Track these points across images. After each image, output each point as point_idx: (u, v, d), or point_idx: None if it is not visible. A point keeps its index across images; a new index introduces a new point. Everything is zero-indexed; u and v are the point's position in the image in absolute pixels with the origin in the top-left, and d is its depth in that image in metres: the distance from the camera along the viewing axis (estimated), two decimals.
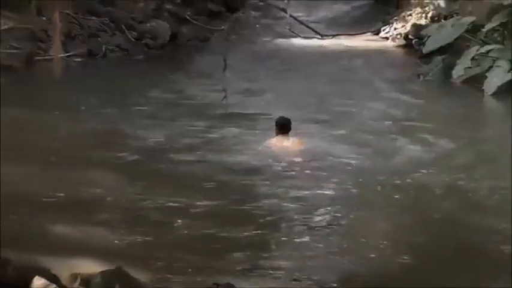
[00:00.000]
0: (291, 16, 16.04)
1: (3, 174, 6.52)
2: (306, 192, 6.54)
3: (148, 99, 10.04)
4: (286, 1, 16.78)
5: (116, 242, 5.45)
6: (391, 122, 9.06)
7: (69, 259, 5.02)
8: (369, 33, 15.89)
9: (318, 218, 6.00)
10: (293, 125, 7.85)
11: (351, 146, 7.97)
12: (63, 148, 7.79)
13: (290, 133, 7.78)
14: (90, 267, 4.81)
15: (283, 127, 7.74)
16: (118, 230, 5.65)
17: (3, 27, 12.22)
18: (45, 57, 11.87)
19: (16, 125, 8.44)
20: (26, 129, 8.37)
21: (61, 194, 6.31)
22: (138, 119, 8.92)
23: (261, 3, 18.01)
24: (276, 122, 7.80)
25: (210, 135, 8.30)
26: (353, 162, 7.43)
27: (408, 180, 6.86)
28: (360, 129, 8.65)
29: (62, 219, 5.87)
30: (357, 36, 15.64)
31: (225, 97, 9.34)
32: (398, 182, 6.82)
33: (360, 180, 6.94)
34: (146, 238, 5.50)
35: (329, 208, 6.22)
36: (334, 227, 5.89)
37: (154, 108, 9.56)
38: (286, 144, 7.67)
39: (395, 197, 6.52)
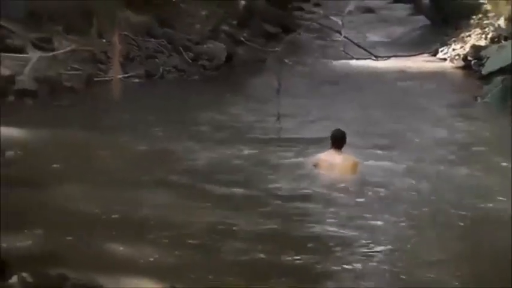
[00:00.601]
0: (345, 37, 16.07)
1: (63, 193, 6.72)
2: (360, 222, 6.43)
3: (202, 120, 10.17)
4: (340, 23, 16.83)
5: (168, 261, 5.54)
6: (451, 146, 8.87)
7: (123, 277, 5.13)
8: (426, 55, 15.80)
9: (372, 248, 5.89)
10: (346, 149, 7.77)
11: (409, 172, 7.82)
12: (121, 168, 7.97)
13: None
14: (144, 285, 4.92)
15: (338, 140, 7.70)
16: (170, 249, 5.74)
17: (65, 50, 12.56)
18: (105, 78, 12.13)
19: (76, 145, 8.67)
20: (85, 150, 8.58)
21: (116, 213, 6.46)
22: (192, 139, 9.03)
23: (316, 25, 18.09)
24: (331, 135, 7.77)
25: (262, 158, 8.32)
26: (412, 189, 7.26)
27: (476, 210, 6.63)
28: (418, 154, 8.50)
29: (117, 237, 6.01)
30: (413, 57, 15.57)
31: (278, 119, 9.41)
32: (464, 212, 6.58)
33: (421, 208, 6.76)
34: (196, 258, 5.58)
35: (383, 238, 6.08)
36: (390, 259, 5.72)
37: (208, 129, 9.69)
38: (338, 160, 7.62)
39: (462, 228, 6.28)
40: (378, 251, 5.84)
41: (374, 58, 15.38)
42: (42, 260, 5.48)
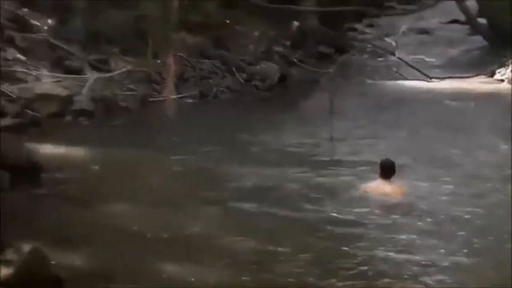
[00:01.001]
0: (399, 58, 15.97)
1: (116, 212, 6.83)
2: (415, 248, 6.34)
3: (254, 141, 10.19)
4: (394, 44, 16.74)
5: (218, 281, 5.57)
6: (507, 170, 8.62)
7: None
8: (482, 76, 15.57)
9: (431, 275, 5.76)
10: (399, 172, 7.69)
11: (464, 196, 7.67)
12: (172, 187, 8.06)
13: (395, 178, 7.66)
14: None
15: (387, 170, 7.64)
16: (219, 269, 5.77)
17: (121, 71, 12.80)
18: (159, 99, 12.30)
19: (129, 164, 8.81)
20: (138, 169, 8.71)
21: (167, 232, 6.53)
22: (243, 160, 9.06)
23: (369, 46, 18.03)
24: (380, 164, 7.72)
25: (313, 181, 8.26)
26: (467, 216, 7.11)
27: None
28: (473, 179, 8.31)
29: (167, 256, 6.07)
30: (469, 78, 15.35)
31: (330, 140, 9.38)
32: None
33: (479, 236, 6.62)
34: (245, 278, 5.59)
35: (441, 265, 5.97)
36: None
37: (259, 150, 9.70)
38: (388, 190, 7.56)
39: None
40: (436, 279, 5.73)
41: (428, 79, 15.22)
42: (94, 278, 5.58)
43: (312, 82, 15.03)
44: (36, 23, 13.47)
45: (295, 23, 16.84)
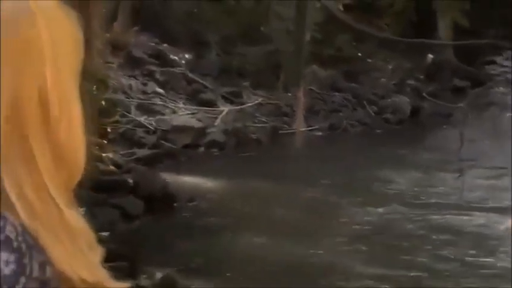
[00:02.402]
0: None
1: (246, 242, 6.98)
2: None
3: (378, 176, 10.09)
4: None
5: None
6: None
7: None
8: None
9: None
10: None
11: None
12: (299, 217, 8.14)
13: None
14: None
15: None
16: None
17: (252, 103, 13.11)
18: (289, 131, 12.48)
19: (258, 195, 8.98)
20: (267, 199, 8.87)
21: (294, 261, 6.61)
22: (364, 196, 8.99)
23: (507, 79, 17.49)
24: None
25: (441, 223, 8.04)
26: None
27: None
28: None
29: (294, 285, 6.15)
30: None
31: (459, 177, 9.09)
32: None
33: None
34: None
35: None
36: None
37: (381, 186, 9.57)
38: None
39: None
40: None
41: None
42: None
43: (445, 116, 14.75)
44: (175, 57, 14.06)
45: (430, 56, 16.64)
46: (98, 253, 1.07)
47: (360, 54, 15.93)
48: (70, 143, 1.06)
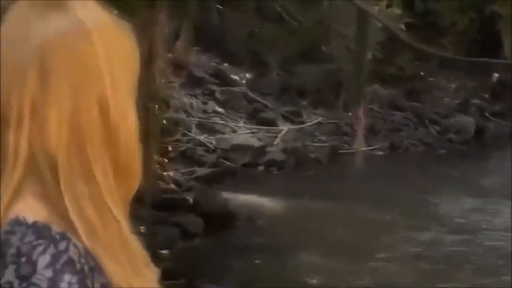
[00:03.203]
0: None
1: (305, 263, 6.95)
2: None
3: (439, 197, 9.90)
4: None
5: None
6: None
7: None
8: None
9: None
10: None
11: None
12: (359, 239, 8.06)
13: None
14: None
15: None
16: None
17: (312, 122, 13.09)
18: (349, 151, 12.41)
19: (317, 215, 8.94)
20: (326, 220, 8.82)
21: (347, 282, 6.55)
22: (422, 216, 8.83)
23: None
24: None
25: (494, 248, 7.92)
26: None
27: None
28: None
29: None
30: None
31: None
32: None
33: None
34: None
35: None
36: None
37: (443, 207, 9.39)
38: None
39: None
40: None
41: None
42: None
43: (510, 137, 14.44)
44: (235, 77, 14.16)
45: (495, 75, 16.35)
46: (153, 270, 1.07)
47: (422, 73, 15.76)
48: (128, 158, 1.06)
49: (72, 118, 1.02)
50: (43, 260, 0.95)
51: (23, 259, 0.96)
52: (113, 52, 1.05)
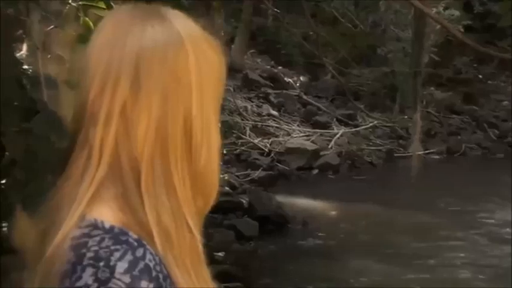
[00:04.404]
0: None
1: (360, 268, 6.90)
2: None
3: (493, 203, 9.69)
4: None
5: None
6: None
7: None
8: None
9: None
10: None
11: None
12: (407, 242, 7.97)
13: None
14: None
15: None
16: None
17: (367, 126, 13.00)
18: (404, 154, 12.28)
19: (371, 219, 8.86)
20: (379, 224, 8.74)
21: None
22: (475, 223, 8.66)
23: None
24: None
25: None
26: None
27: None
28: None
29: None
30: None
31: None
32: None
33: None
34: None
35: None
36: None
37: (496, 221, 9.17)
38: None
39: None
40: None
41: None
42: None
43: None
44: (290, 80, 14.16)
45: None
46: (216, 286, 1.07)
47: (480, 76, 15.52)
48: (207, 170, 1.07)
49: (159, 125, 1.03)
50: (121, 266, 0.96)
51: (102, 263, 0.96)
52: (203, 64, 1.06)
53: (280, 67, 14.39)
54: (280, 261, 7.39)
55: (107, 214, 1.01)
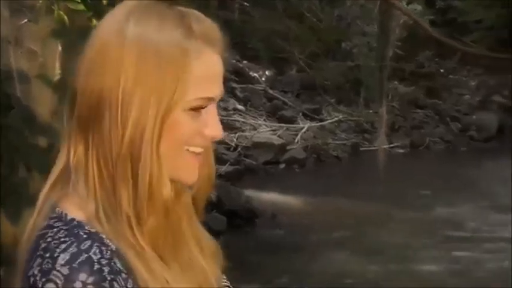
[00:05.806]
0: None
1: (330, 260, 6.92)
2: None
3: (461, 197, 9.82)
4: None
5: None
6: None
7: None
8: None
9: None
10: None
11: None
12: (373, 234, 8.04)
13: None
14: None
15: None
16: None
17: (332, 120, 13.07)
18: (370, 148, 12.38)
19: (337, 212, 8.93)
20: (347, 218, 8.80)
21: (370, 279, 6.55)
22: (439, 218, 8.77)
23: None
24: None
25: None
26: None
27: None
28: None
29: None
30: None
31: None
32: None
33: None
34: None
35: None
36: None
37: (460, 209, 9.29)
38: None
39: None
40: None
41: None
42: None
43: None
44: (255, 74, 14.16)
45: None
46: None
47: (442, 70, 15.69)
48: (207, 160, 1.11)
49: (160, 120, 1.09)
50: (63, 257, 0.97)
51: (47, 254, 0.98)
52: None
53: (245, 61, 14.37)
54: (249, 255, 7.40)
55: (75, 207, 1.02)
